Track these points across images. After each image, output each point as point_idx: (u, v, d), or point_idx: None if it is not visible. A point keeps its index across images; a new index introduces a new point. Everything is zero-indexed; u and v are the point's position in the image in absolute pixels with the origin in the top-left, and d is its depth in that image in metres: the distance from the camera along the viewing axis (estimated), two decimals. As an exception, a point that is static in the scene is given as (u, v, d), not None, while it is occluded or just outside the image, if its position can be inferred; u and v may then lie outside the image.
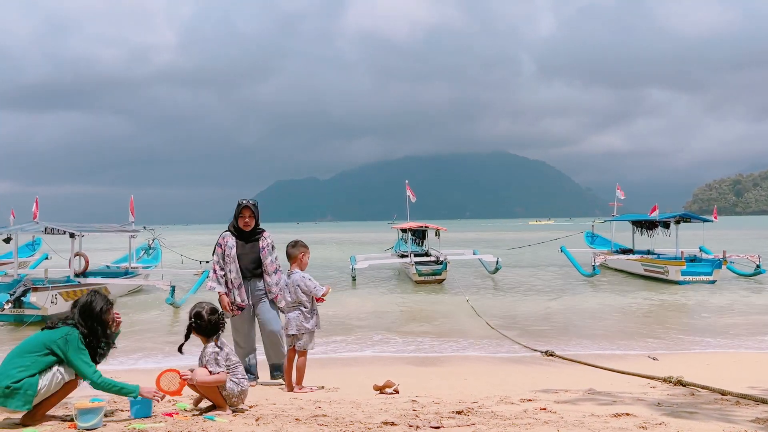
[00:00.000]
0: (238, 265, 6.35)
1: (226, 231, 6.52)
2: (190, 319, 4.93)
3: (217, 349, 4.87)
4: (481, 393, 5.77)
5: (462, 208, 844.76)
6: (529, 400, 5.32)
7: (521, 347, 9.31)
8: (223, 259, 6.39)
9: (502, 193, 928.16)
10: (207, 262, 19.48)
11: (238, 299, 6.36)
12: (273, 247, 6.56)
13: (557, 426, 4.20)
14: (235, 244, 6.40)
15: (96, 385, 4.36)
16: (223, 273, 6.37)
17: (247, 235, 6.43)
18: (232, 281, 6.35)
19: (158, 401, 4.56)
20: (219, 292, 6.36)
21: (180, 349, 4.92)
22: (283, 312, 6.23)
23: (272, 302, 6.43)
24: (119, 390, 4.38)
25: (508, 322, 11.79)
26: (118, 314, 4.76)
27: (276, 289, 6.38)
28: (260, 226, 6.55)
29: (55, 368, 4.26)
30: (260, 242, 6.46)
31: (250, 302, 6.41)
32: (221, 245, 6.42)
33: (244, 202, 6.46)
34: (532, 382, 6.51)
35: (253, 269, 6.40)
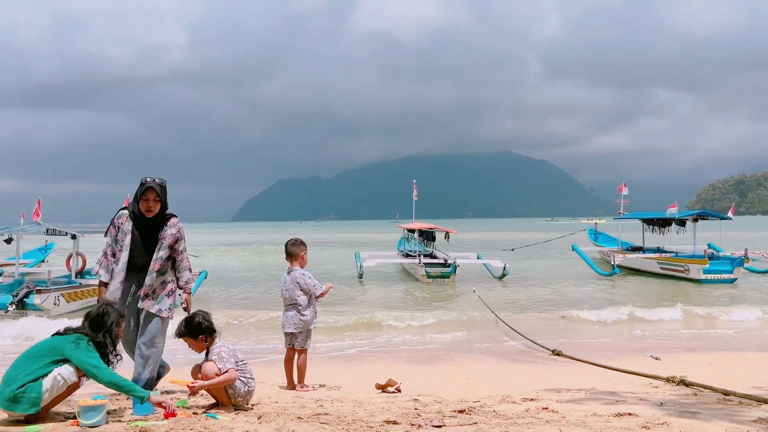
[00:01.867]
0: (128, 256, 5.19)
1: (123, 209, 5.33)
2: (202, 323, 4.93)
3: (225, 347, 4.88)
4: (484, 392, 5.77)
5: (464, 207, 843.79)
6: (532, 399, 5.32)
7: (525, 346, 9.28)
8: (116, 243, 5.23)
9: (504, 192, 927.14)
10: (196, 256, 19.39)
11: (112, 297, 5.12)
12: (178, 240, 5.33)
13: (559, 425, 4.20)
14: (130, 230, 5.21)
15: (105, 382, 4.36)
16: (115, 260, 5.21)
17: (149, 223, 5.24)
18: (115, 272, 5.19)
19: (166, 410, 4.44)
20: (101, 281, 5.23)
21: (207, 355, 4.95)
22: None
23: (148, 315, 5.20)
24: (129, 388, 4.37)
25: (512, 323, 11.74)
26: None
27: (149, 285, 5.20)
28: (168, 212, 5.34)
29: (55, 372, 4.25)
30: (162, 231, 5.25)
31: (131, 300, 5.29)
32: (116, 225, 5.24)
33: (148, 180, 5.21)
34: (534, 381, 6.50)
35: (144, 264, 5.23)
